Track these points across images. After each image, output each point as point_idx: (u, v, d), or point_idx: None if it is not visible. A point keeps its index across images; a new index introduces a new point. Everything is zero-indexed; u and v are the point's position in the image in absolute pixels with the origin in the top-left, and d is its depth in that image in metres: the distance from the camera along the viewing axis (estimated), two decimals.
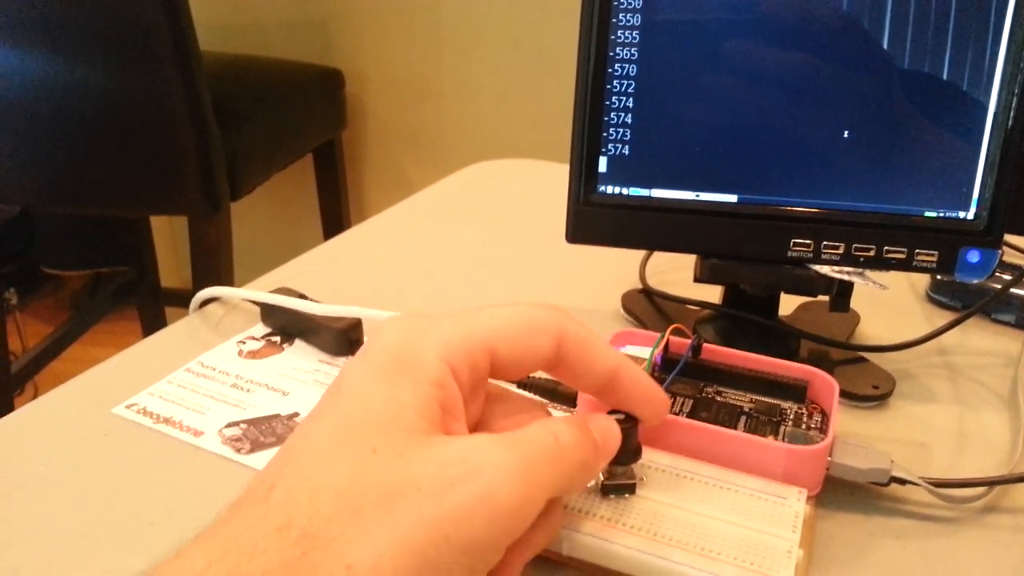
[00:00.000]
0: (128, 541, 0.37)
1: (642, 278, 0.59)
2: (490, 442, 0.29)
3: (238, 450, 0.42)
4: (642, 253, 0.61)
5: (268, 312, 0.52)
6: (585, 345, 0.34)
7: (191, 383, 0.47)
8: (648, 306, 0.57)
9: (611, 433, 0.34)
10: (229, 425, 0.44)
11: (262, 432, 0.43)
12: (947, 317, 0.56)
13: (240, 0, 1.75)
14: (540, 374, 0.45)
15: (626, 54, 0.45)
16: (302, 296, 0.52)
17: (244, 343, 0.51)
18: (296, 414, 0.45)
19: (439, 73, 1.65)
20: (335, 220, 1.74)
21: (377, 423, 0.28)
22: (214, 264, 1.35)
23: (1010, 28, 0.42)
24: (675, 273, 0.60)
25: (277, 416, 0.45)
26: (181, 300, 0.53)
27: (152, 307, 1.85)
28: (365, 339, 0.51)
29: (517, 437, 0.29)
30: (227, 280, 1.38)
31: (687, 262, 0.49)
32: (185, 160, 1.24)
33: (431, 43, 1.63)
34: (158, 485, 0.40)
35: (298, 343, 0.51)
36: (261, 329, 0.53)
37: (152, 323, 1.83)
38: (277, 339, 0.52)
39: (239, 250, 1.50)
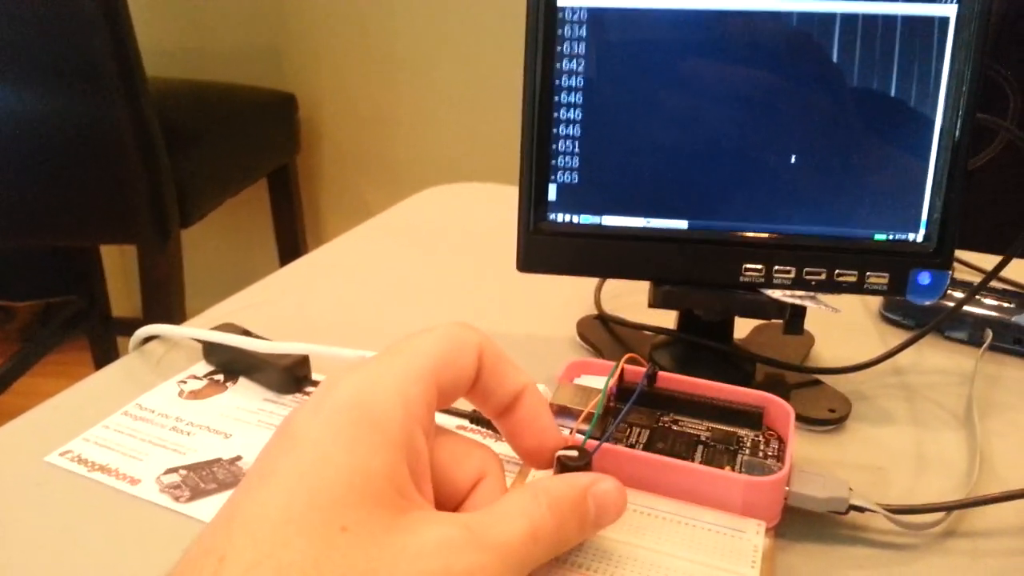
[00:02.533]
0: None
1: (597, 304, 0.58)
2: (467, 542, 0.26)
3: (177, 498, 0.40)
4: (596, 278, 0.60)
5: (211, 349, 0.51)
6: (499, 359, 0.33)
7: (128, 427, 0.45)
8: (603, 332, 0.56)
9: (611, 505, 0.32)
10: (168, 471, 0.42)
11: (202, 478, 0.41)
12: (901, 336, 0.56)
13: (190, 25, 1.73)
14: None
15: (572, 81, 0.44)
16: (246, 332, 0.50)
17: (185, 383, 0.49)
18: (239, 457, 0.43)
19: (394, 97, 1.64)
20: (291, 245, 1.71)
21: (345, 495, 0.25)
22: (165, 294, 1.32)
23: (952, 42, 0.42)
24: (630, 296, 0.60)
25: (219, 460, 0.43)
26: (133, 330, 0.51)
27: (103, 337, 1.80)
28: (313, 376, 0.49)
29: (495, 537, 0.27)
30: (179, 310, 1.35)
31: (642, 286, 0.48)
32: (133, 188, 1.21)
33: (386, 67, 1.62)
34: (92, 538, 0.38)
35: (242, 381, 0.50)
36: (203, 367, 0.51)
37: (103, 354, 1.79)
38: (220, 377, 0.50)
39: (192, 278, 1.47)
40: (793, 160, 0.44)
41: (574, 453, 0.36)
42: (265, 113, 1.55)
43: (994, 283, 0.53)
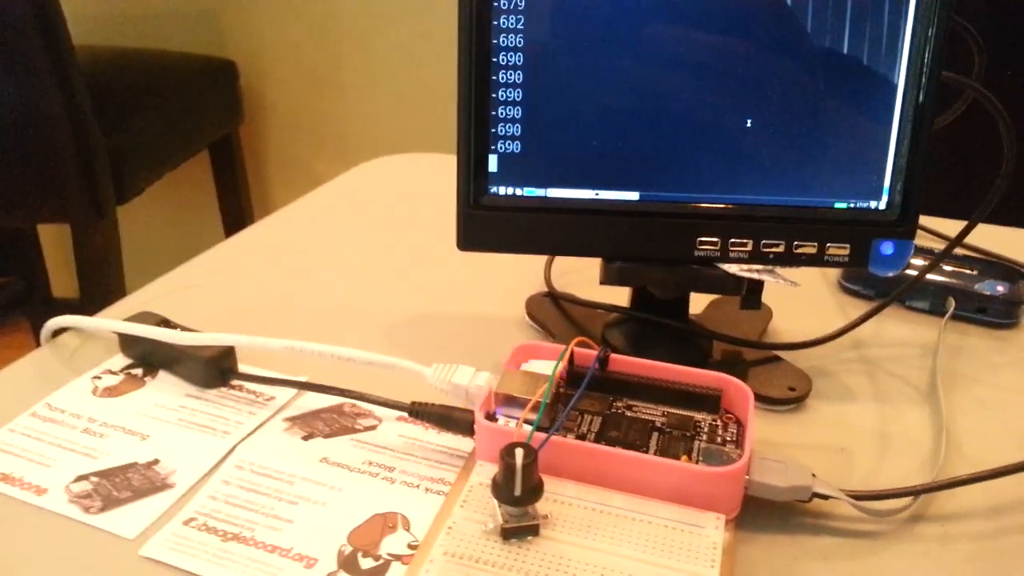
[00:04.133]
0: None
1: (547, 281, 0.55)
2: None
3: (87, 509, 0.37)
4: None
5: (128, 341, 0.47)
6: None
7: (36, 430, 0.41)
8: (554, 311, 0.53)
9: None
10: (78, 479, 0.38)
11: (116, 486, 0.38)
12: (861, 306, 0.54)
13: None
14: (431, 399, 0.41)
15: (512, 40, 0.41)
16: (165, 322, 0.46)
17: (100, 378, 0.45)
18: (156, 461, 0.39)
19: (339, 63, 1.58)
20: (237, 219, 1.65)
21: None
22: (102, 273, 1.26)
23: (915, 2, 0.40)
24: (582, 272, 0.57)
25: (134, 465, 0.39)
26: (75, 310, 0.47)
27: (43, 319, 1.73)
28: (240, 368, 0.45)
29: None
30: (117, 290, 1.29)
31: (594, 261, 0.45)
32: (64, 164, 1.15)
33: (329, 30, 1.56)
34: None
35: (162, 375, 0.46)
36: (121, 361, 0.47)
37: None
38: (138, 372, 0.46)
39: (135, 256, 1.41)
40: (749, 124, 0.41)
41: (520, 450, 0.33)
42: (203, 81, 1.48)
43: (957, 250, 0.51)
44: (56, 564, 0.34)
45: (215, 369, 0.44)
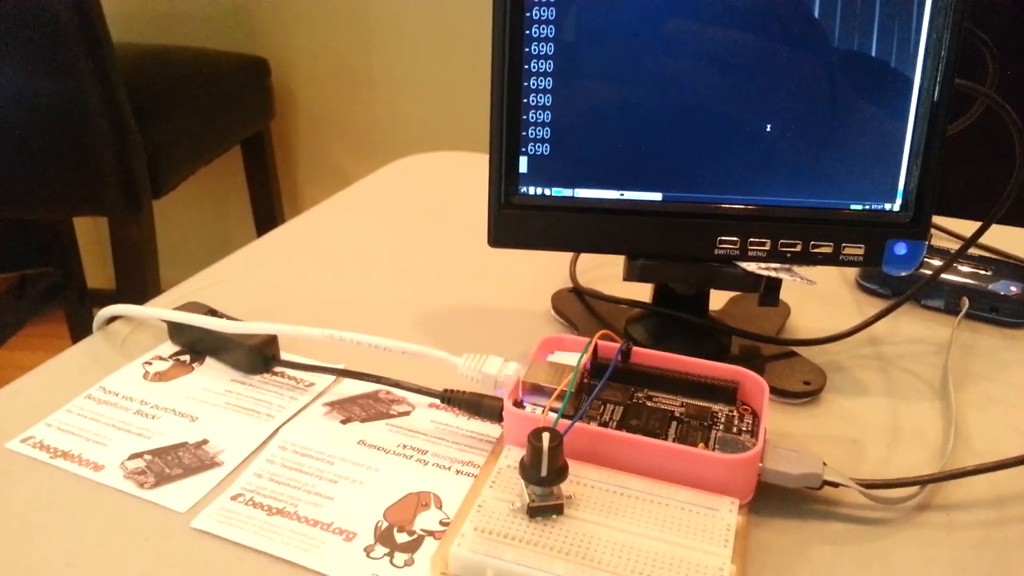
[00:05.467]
0: None
1: (572, 277, 0.57)
2: None
3: (141, 484, 0.39)
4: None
5: (176, 329, 0.49)
6: None
7: (92, 411, 0.44)
8: (578, 306, 0.55)
9: None
10: (132, 457, 0.41)
11: (167, 464, 0.41)
12: (877, 305, 0.55)
13: None
14: (462, 387, 0.43)
15: (543, 49, 0.43)
16: (212, 311, 0.49)
17: (150, 364, 0.48)
18: (205, 441, 0.42)
19: (369, 61, 1.60)
20: (268, 214, 1.69)
21: None
22: (138, 266, 1.29)
23: (932, 5, 0.41)
24: (606, 269, 0.59)
25: (184, 444, 0.42)
26: (110, 301, 0.50)
27: (79, 310, 1.78)
28: (282, 355, 0.48)
29: None
30: (153, 282, 1.32)
31: (618, 258, 0.47)
32: (102, 158, 1.19)
33: (360, 29, 1.59)
34: (55, 527, 0.37)
35: (209, 362, 0.48)
36: (169, 348, 0.50)
37: (80, 326, 1.77)
38: (186, 358, 0.49)
39: (168, 249, 1.44)
40: (769, 129, 0.43)
41: (547, 434, 0.35)
42: (237, 79, 1.52)
43: (971, 250, 0.53)
44: (113, 535, 0.37)
45: (259, 356, 0.47)
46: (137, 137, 1.20)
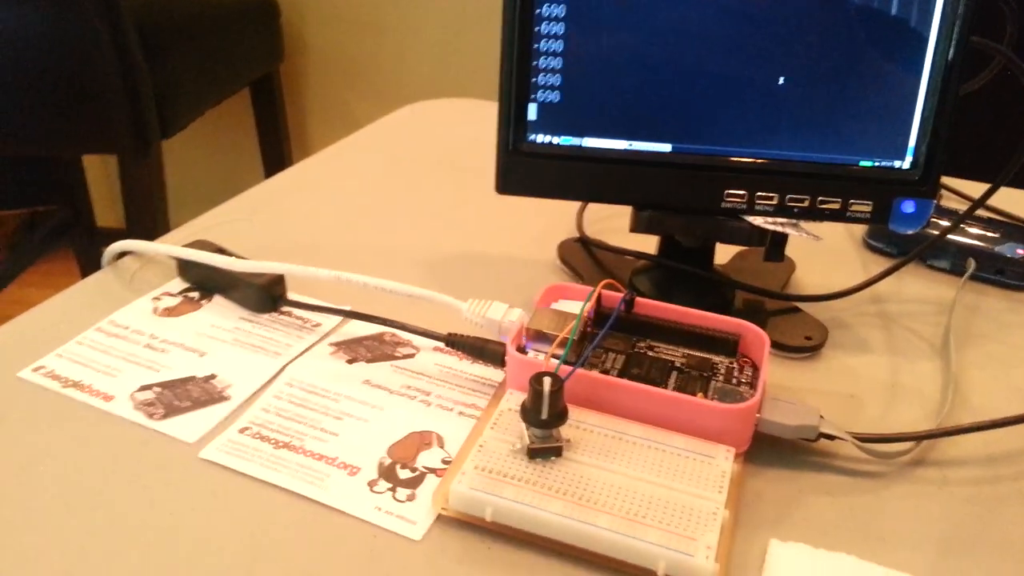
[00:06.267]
0: (31, 516, 0.35)
1: (579, 227, 0.58)
2: None
3: (151, 415, 0.40)
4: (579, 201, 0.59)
5: (185, 267, 0.50)
6: None
7: (102, 344, 0.45)
8: (585, 256, 0.55)
9: None
10: (142, 388, 0.42)
11: (177, 396, 0.41)
12: (883, 263, 0.55)
13: None
14: (467, 332, 0.44)
15: None
16: (221, 250, 0.49)
17: (159, 300, 0.49)
18: (213, 375, 0.43)
19: (380, 5, 1.58)
20: (276, 157, 1.68)
21: None
22: (147, 205, 1.30)
23: None
24: (613, 220, 0.59)
25: (193, 378, 0.43)
26: (119, 240, 0.50)
27: (88, 248, 1.79)
28: (289, 295, 0.49)
29: None
30: (162, 221, 1.33)
31: (626, 209, 0.47)
32: (111, 96, 1.18)
33: None
34: (66, 454, 0.38)
35: (217, 299, 0.49)
36: (178, 284, 0.50)
37: (89, 264, 1.78)
38: (195, 295, 0.49)
39: (177, 189, 1.44)
40: (781, 81, 0.43)
41: (548, 378, 0.36)
42: (246, 20, 1.50)
43: (979, 211, 0.53)
44: (124, 463, 0.38)
45: (267, 295, 0.47)
46: (146, 75, 1.20)
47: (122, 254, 0.53)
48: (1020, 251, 0.55)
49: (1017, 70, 0.44)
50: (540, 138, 0.45)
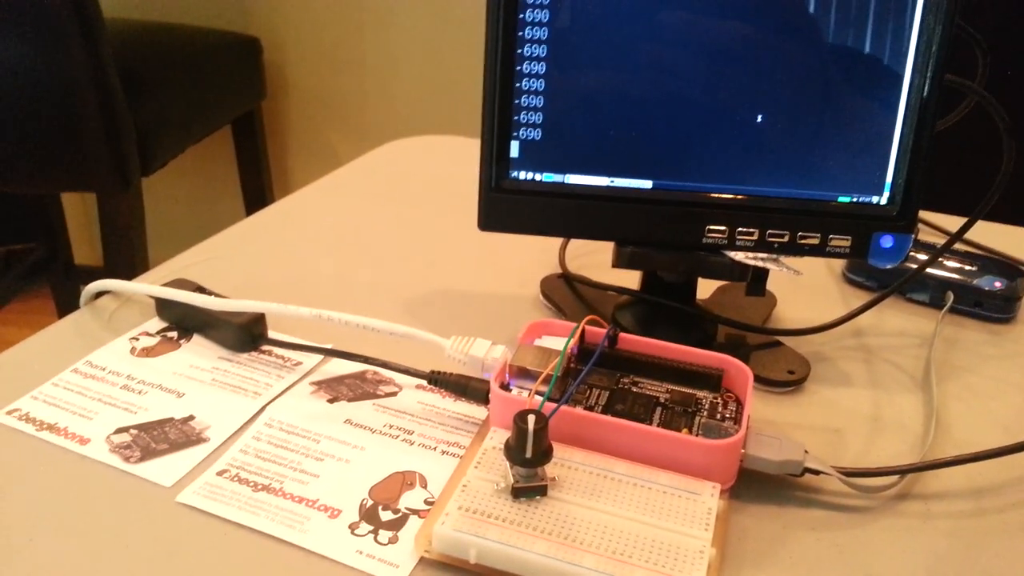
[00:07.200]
0: (3, 562, 0.34)
1: (561, 263, 0.58)
2: None
3: (127, 459, 0.39)
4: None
5: (164, 306, 0.49)
6: None
7: (79, 385, 0.44)
8: (567, 292, 0.55)
9: None
10: (118, 431, 0.41)
11: (153, 438, 0.41)
12: (863, 297, 0.56)
13: None
14: (449, 369, 0.44)
15: (537, 33, 0.43)
16: (200, 288, 0.49)
17: (137, 339, 0.48)
18: (191, 417, 0.42)
19: (362, 42, 1.60)
20: (257, 194, 1.68)
21: None
22: (126, 243, 1.29)
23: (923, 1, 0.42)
24: (595, 255, 0.59)
25: (171, 420, 0.42)
26: (97, 278, 0.50)
27: (66, 286, 1.77)
28: (269, 334, 0.48)
29: None
30: (141, 259, 1.32)
31: (607, 244, 0.47)
32: (91, 134, 1.18)
33: (353, 11, 1.58)
34: (41, 499, 0.37)
35: (196, 339, 0.48)
36: (156, 324, 0.50)
37: (66, 302, 1.76)
38: (174, 335, 0.49)
39: (157, 227, 1.43)
40: (759, 119, 0.44)
41: (532, 416, 0.35)
42: (228, 57, 1.51)
43: (957, 245, 0.53)
44: (99, 508, 0.37)
45: (247, 334, 0.47)
46: (127, 113, 1.20)
47: (100, 294, 0.52)
48: (998, 284, 0.55)
49: (990, 107, 0.45)
50: (522, 175, 0.45)
